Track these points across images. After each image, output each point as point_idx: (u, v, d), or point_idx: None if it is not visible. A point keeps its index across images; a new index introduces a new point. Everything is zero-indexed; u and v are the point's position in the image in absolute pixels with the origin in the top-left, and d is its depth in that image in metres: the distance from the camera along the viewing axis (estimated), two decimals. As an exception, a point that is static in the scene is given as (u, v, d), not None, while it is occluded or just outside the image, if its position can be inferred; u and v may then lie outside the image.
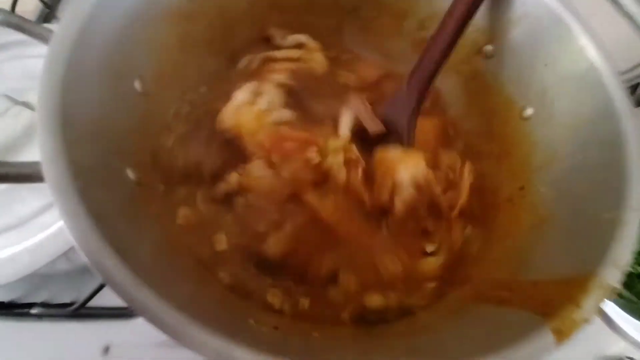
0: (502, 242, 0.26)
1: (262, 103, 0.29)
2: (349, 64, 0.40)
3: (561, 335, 0.15)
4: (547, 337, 0.15)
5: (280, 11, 0.37)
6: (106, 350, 0.38)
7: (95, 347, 0.38)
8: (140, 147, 0.24)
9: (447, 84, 0.38)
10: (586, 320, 0.15)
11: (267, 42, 0.37)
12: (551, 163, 0.27)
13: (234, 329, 0.16)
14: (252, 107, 0.29)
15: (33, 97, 0.43)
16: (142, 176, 0.23)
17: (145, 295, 0.15)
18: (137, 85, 0.25)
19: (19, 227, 0.37)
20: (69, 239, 0.34)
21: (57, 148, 0.15)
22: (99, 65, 0.20)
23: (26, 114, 0.42)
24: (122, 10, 0.22)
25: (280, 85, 0.32)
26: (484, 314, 0.19)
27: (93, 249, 0.14)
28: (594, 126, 0.24)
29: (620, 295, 0.36)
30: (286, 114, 0.31)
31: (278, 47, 0.37)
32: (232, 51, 0.34)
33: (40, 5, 0.61)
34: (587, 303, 0.16)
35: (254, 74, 0.33)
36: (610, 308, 0.39)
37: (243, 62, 0.33)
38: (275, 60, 0.35)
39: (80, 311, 0.39)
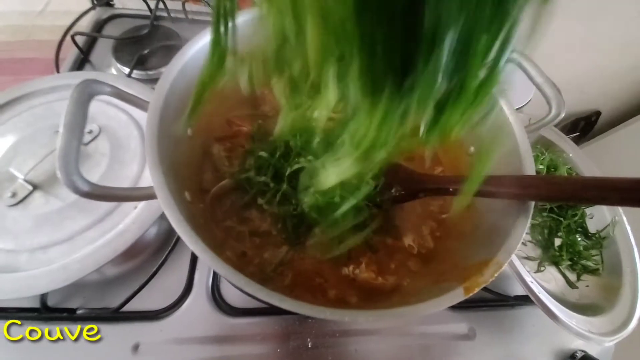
0: (455, 242, 0.36)
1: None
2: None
3: (468, 291, 0.24)
4: (459, 291, 0.24)
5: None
6: (136, 348, 0.45)
7: (127, 345, 0.44)
8: (188, 176, 0.34)
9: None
10: (485, 282, 0.25)
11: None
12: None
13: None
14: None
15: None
16: (191, 197, 0.32)
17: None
18: (189, 131, 0.34)
19: (70, 241, 0.45)
20: (110, 252, 0.42)
21: (160, 178, 0.24)
22: (171, 121, 0.30)
23: (75, 147, 0.50)
24: (184, 85, 0.32)
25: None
26: (433, 288, 0.28)
27: (183, 232, 0.23)
28: (507, 160, 0.35)
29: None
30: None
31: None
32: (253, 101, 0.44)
33: (77, 51, 0.72)
34: (487, 272, 0.25)
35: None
36: (555, 306, 0.47)
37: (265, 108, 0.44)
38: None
39: (116, 314, 0.45)
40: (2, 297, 0.40)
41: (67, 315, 0.45)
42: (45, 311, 0.44)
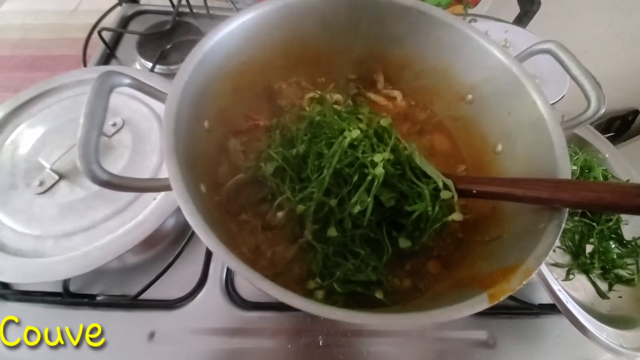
0: (478, 245, 0.34)
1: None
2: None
3: (493, 298, 0.22)
4: (483, 298, 0.22)
5: (306, 65, 0.47)
6: (151, 335, 0.46)
7: (143, 333, 0.45)
8: (205, 169, 0.34)
9: (446, 120, 0.47)
10: (512, 290, 0.23)
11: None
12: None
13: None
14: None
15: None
16: (207, 190, 0.32)
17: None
18: (206, 124, 0.34)
19: (92, 229, 0.46)
20: (130, 241, 0.43)
21: (176, 170, 0.24)
22: (189, 114, 0.30)
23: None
24: (202, 78, 0.32)
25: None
26: (453, 293, 0.26)
27: (197, 225, 0.23)
28: (540, 160, 0.32)
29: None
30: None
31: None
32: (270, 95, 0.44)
33: (103, 47, 0.74)
34: (514, 279, 0.23)
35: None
36: (584, 317, 0.44)
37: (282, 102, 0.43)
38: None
39: (133, 301, 0.46)
40: (28, 281, 0.42)
41: (87, 300, 0.46)
42: (67, 296, 0.45)
